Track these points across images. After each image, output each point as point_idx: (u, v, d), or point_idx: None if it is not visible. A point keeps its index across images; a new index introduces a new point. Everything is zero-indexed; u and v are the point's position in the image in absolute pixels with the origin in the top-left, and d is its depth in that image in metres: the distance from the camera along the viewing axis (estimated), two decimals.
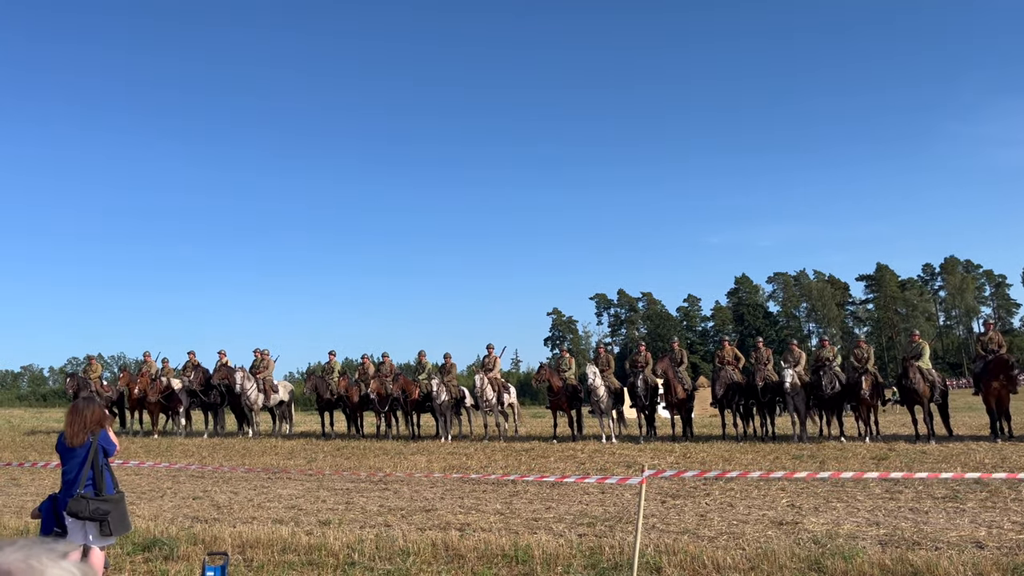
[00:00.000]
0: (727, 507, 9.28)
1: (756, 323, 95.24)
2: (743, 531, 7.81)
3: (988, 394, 16.24)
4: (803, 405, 17.33)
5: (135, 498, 10.60)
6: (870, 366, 17.34)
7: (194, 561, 6.85)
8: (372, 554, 6.97)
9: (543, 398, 22.43)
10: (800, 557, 6.46)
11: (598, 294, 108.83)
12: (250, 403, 21.00)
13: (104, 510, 5.64)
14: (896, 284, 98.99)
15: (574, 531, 8.05)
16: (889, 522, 8.07)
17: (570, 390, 19.01)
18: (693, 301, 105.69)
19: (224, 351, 22.46)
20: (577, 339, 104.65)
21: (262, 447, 18.27)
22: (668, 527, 8.14)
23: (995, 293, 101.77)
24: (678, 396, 18.42)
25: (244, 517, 9.25)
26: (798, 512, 8.76)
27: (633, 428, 20.23)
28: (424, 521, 8.82)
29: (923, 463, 12.76)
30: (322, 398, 21.27)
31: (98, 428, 5.83)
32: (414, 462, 14.81)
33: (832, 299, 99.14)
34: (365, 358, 22.45)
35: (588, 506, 9.57)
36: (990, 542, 7.03)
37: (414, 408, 20.19)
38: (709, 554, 6.58)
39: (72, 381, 22.12)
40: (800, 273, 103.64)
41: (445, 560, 6.81)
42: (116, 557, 6.99)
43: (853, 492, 9.82)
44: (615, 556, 6.68)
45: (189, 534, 7.89)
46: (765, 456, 14.40)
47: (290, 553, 7.12)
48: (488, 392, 19.27)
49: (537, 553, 6.76)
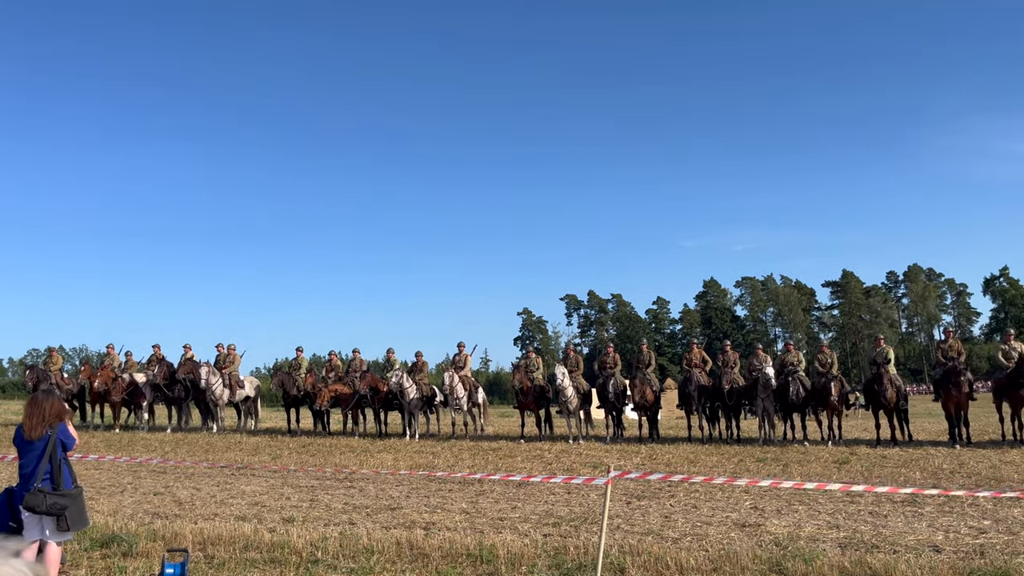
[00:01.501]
0: (691, 509, 9.36)
1: (723, 326, 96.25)
2: (707, 532, 7.89)
3: (948, 401, 16.57)
4: (772, 407, 17.56)
5: (94, 493, 10.42)
6: (835, 371, 17.61)
7: (153, 558, 6.75)
8: (336, 552, 6.92)
9: (511, 397, 22.45)
10: (762, 559, 6.54)
11: (568, 295, 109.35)
12: (215, 398, 20.72)
13: (62, 505, 5.53)
14: (861, 291, 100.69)
15: (539, 531, 8.07)
16: (849, 525, 8.20)
17: (538, 390, 19.07)
18: (662, 304, 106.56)
19: (189, 345, 22.19)
20: (547, 339, 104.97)
21: (226, 443, 18.05)
22: (633, 528, 8.19)
23: (956, 302, 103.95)
24: (646, 398, 18.54)
25: (206, 514, 9.14)
26: (761, 514, 8.87)
27: (600, 429, 20.32)
28: (389, 519, 8.78)
29: (883, 467, 12.97)
30: (288, 394, 21.08)
31: (57, 421, 5.72)
32: (381, 460, 14.74)
33: (798, 304, 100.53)
34: (333, 354, 22.29)
35: (554, 506, 9.60)
36: (947, 546, 7.17)
37: (382, 405, 20.08)
38: (673, 555, 6.63)
39: (31, 373, 21.62)
40: (768, 278, 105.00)
41: (409, 559, 6.78)
42: (73, 553, 6.86)
43: (815, 495, 9.96)
44: (579, 556, 6.71)
45: (149, 530, 7.77)
46: (730, 458, 14.55)
47: (252, 551, 7.05)
48: (459, 390, 19.22)
49: (502, 553, 6.76)
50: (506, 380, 59.02)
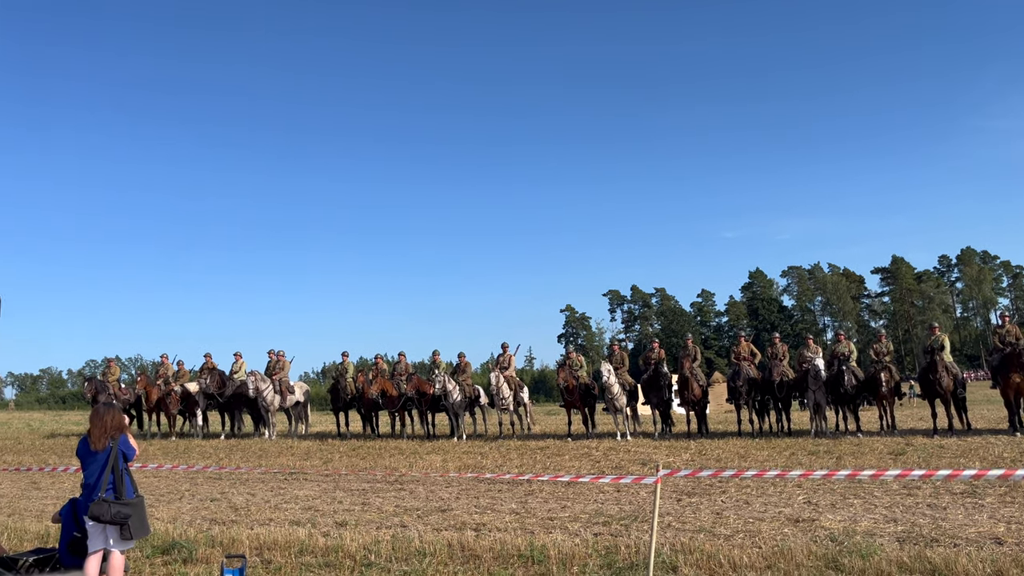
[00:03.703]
0: (743, 505, 9.25)
1: (771, 317, 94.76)
2: (759, 529, 7.79)
3: (1007, 387, 16.09)
4: (823, 399, 17.29)
5: (154, 501, 10.70)
6: (888, 360, 17.25)
7: (213, 564, 6.91)
8: (389, 555, 7.01)
9: (556, 395, 22.40)
10: (817, 555, 6.43)
11: (611, 290, 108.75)
12: (267, 404, 21.12)
13: (124, 514, 5.70)
14: (912, 276, 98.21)
15: (589, 530, 8.05)
16: (907, 518, 8.02)
17: (583, 388, 19.03)
18: (707, 296, 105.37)
19: (240, 353, 22.66)
20: (590, 336, 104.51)
21: (279, 448, 18.38)
22: (684, 525, 8.13)
23: (1013, 284, 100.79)
24: (693, 393, 18.38)
25: (261, 519, 9.32)
26: (815, 509, 8.73)
27: (648, 425, 20.20)
28: (440, 521, 8.85)
29: (941, 458, 12.67)
30: (338, 398, 21.39)
31: (118, 433, 5.91)
32: (429, 462, 14.85)
33: (847, 292, 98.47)
34: (379, 357, 22.53)
35: (604, 505, 9.57)
36: (1009, 538, 6.97)
37: (429, 407, 20.25)
38: (725, 552, 6.56)
39: (90, 385, 22.30)
40: (815, 267, 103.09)
41: (461, 560, 6.83)
42: (136, 560, 7.06)
43: (871, 488, 9.76)
44: (631, 555, 6.68)
45: (207, 536, 7.95)
46: (781, 452, 14.34)
47: (307, 555, 7.17)
48: (504, 390, 19.29)
49: (553, 553, 6.77)
50: (551, 378, 58.97)
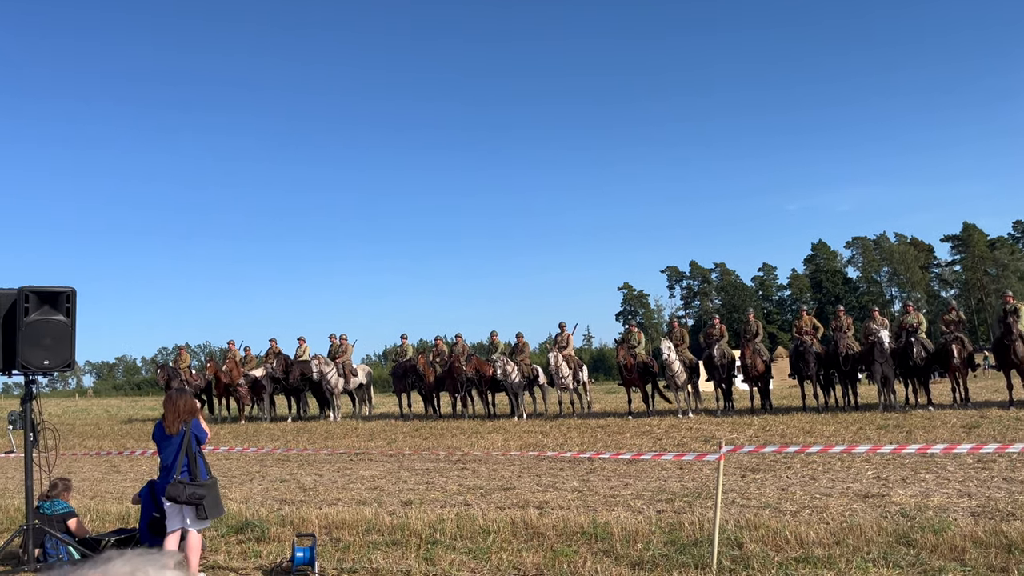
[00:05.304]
0: (809, 480, 9.10)
1: (835, 290, 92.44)
2: (827, 505, 7.66)
3: None
4: (891, 372, 16.84)
5: (226, 482, 11.06)
6: (958, 331, 16.68)
7: (284, 542, 7.13)
8: (453, 533, 7.12)
9: (615, 374, 22.33)
10: (888, 531, 6.30)
11: (669, 267, 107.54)
12: (331, 387, 21.58)
13: (199, 494, 5.92)
14: (985, 243, 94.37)
15: (652, 507, 8.04)
16: (982, 493, 7.79)
17: (642, 366, 18.91)
18: (768, 270, 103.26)
19: (303, 337, 23.12)
20: (649, 313, 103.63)
21: (343, 429, 18.79)
22: (748, 502, 8.05)
23: None
24: (756, 368, 18.10)
25: (329, 499, 9.56)
26: (884, 484, 8.54)
27: (710, 402, 19.99)
28: (503, 500, 8.95)
29: (1018, 430, 12.23)
30: (401, 380, 21.73)
31: (191, 417, 6.13)
32: (491, 441, 14.99)
33: (915, 262, 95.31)
34: (439, 339, 22.75)
35: (666, 482, 9.53)
36: None
37: (489, 387, 20.40)
38: (792, 529, 6.48)
39: (163, 372, 23.14)
40: (880, 236, 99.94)
41: (525, 538, 6.89)
42: (212, 539, 7.33)
43: (943, 463, 9.50)
44: (695, 532, 6.65)
45: (278, 516, 8.21)
46: (848, 427, 14.04)
47: (374, 533, 7.34)
48: (564, 369, 19.31)
49: (616, 530, 6.78)
50: (610, 356, 58.77)
